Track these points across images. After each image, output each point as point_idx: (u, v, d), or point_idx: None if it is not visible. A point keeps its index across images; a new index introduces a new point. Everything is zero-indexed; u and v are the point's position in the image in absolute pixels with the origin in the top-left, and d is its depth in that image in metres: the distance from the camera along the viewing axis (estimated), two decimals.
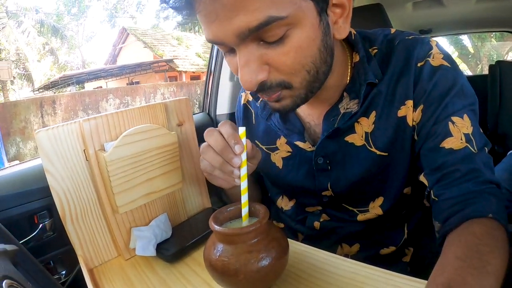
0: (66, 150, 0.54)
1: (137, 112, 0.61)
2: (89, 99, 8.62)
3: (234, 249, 0.41)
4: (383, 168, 0.58)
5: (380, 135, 0.56)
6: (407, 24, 2.56)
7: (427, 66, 0.52)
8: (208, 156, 0.50)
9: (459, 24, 2.58)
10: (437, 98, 0.51)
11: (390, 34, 0.58)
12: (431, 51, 0.53)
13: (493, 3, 1.97)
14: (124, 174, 0.56)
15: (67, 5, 17.94)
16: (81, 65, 18.67)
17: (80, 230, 0.56)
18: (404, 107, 0.54)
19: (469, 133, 0.50)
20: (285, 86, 0.47)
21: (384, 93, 0.55)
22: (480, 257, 0.38)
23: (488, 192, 0.47)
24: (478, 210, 0.45)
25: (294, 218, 0.72)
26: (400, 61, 0.54)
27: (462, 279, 0.36)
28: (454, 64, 0.53)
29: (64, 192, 0.54)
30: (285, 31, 0.41)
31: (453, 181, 0.48)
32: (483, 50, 15.64)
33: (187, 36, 15.99)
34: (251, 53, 0.42)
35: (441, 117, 0.51)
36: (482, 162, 0.49)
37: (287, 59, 0.43)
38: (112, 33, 23.89)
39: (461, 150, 0.49)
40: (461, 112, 0.50)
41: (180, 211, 0.70)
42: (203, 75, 13.92)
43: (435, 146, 0.51)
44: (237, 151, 0.46)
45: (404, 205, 0.63)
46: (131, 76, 13.09)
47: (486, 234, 0.42)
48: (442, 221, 0.48)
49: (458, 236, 0.43)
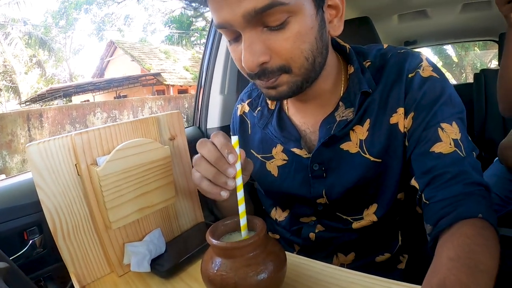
0: (58, 165, 0.53)
1: (130, 126, 0.61)
2: (76, 112, 8.56)
3: (232, 263, 0.41)
4: (377, 174, 0.59)
5: (374, 142, 0.58)
6: (393, 36, 2.63)
7: (417, 76, 0.55)
8: (201, 168, 0.50)
9: (444, 34, 2.66)
10: (427, 106, 0.54)
11: (383, 49, 0.61)
12: (421, 63, 0.56)
13: (476, 13, 2.03)
14: (117, 189, 0.56)
15: (55, 17, 17.83)
16: (69, 78, 18.48)
17: (72, 247, 0.54)
18: (396, 115, 0.56)
19: (458, 138, 0.52)
20: (285, 71, 0.50)
21: (377, 101, 0.57)
22: (473, 256, 0.39)
23: (477, 193, 0.48)
24: (468, 211, 0.46)
25: (288, 229, 0.72)
26: (392, 72, 0.57)
27: (456, 278, 0.37)
28: (443, 76, 0.56)
29: (55, 207, 0.52)
30: (286, 17, 0.46)
31: (442, 184, 0.50)
32: (467, 59, 16.10)
33: (174, 50, 16.06)
34: (255, 36, 0.47)
35: (430, 123, 0.53)
36: (470, 166, 0.51)
37: (287, 43, 0.47)
38: (100, 46, 23.80)
39: (450, 154, 0.51)
40: (449, 119, 0.53)
41: (173, 226, 0.69)
42: (190, 88, 13.99)
43: (425, 151, 0.53)
44: (231, 161, 0.46)
45: (397, 211, 0.64)
46: (118, 89, 13.06)
47: (477, 234, 0.43)
48: (433, 223, 0.49)
49: (450, 238, 0.44)
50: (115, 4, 18.36)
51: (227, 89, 1.22)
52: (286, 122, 0.66)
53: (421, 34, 2.61)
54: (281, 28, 0.47)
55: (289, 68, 0.50)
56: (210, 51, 1.22)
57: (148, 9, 21.48)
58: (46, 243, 0.64)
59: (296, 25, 0.47)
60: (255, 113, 0.70)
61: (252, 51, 0.47)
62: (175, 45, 17.13)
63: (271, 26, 0.47)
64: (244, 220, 0.46)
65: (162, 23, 19.88)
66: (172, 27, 18.66)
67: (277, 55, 0.48)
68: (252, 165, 0.57)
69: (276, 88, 0.52)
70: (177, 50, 16.27)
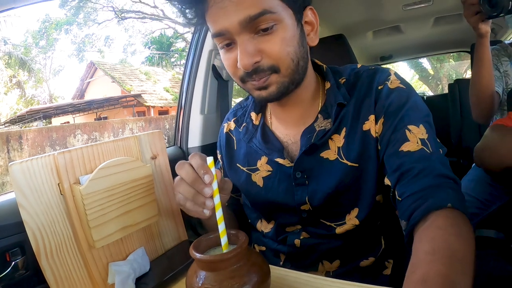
0: (40, 184, 0.52)
1: (111, 146, 0.62)
2: (56, 134, 8.44)
3: (216, 276, 0.42)
4: (355, 178, 0.63)
5: (350, 148, 0.63)
6: (368, 52, 2.75)
7: (385, 88, 0.62)
8: (181, 189, 0.53)
9: (418, 48, 2.78)
10: (394, 112, 0.59)
11: (356, 68, 0.68)
12: (390, 77, 0.63)
13: (447, 26, 2.15)
14: (100, 207, 0.56)
15: (35, 37, 17.61)
16: (48, 99, 18.15)
17: (55, 267, 0.53)
18: (367, 122, 0.62)
19: (425, 138, 0.57)
20: (274, 70, 0.57)
21: (351, 112, 0.64)
22: (448, 247, 0.42)
23: (446, 185, 0.52)
24: (438, 202, 0.49)
25: (275, 239, 0.74)
26: (364, 86, 0.64)
27: (436, 271, 0.38)
28: (409, 87, 0.63)
29: (38, 227, 0.52)
30: (273, 24, 0.54)
31: (411, 178, 0.54)
32: (443, 71, 16.71)
33: (155, 71, 16.05)
34: (248, 40, 0.55)
35: (398, 126, 0.58)
36: (438, 160, 0.55)
37: (276, 46, 0.55)
38: (80, 67, 23.45)
39: (417, 151, 0.55)
40: (416, 122, 0.58)
41: (157, 245, 0.69)
42: (171, 110, 14.01)
43: (394, 151, 0.57)
44: (207, 181, 0.50)
45: (378, 214, 0.67)
46: (99, 111, 12.96)
47: (450, 224, 0.45)
48: (407, 218, 0.52)
49: (425, 232, 0.47)
50: (96, 25, 18.33)
51: (207, 109, 1.25)
52: (269, 135, 0.71)
53: (396, 49, 2.74)
54: (270, 34, 0.55)
55: (278, 68, 0.57)
56: (190, 71, 1.25)
57: (129, 30, 21.55)
58: (29, 265, 0.62)
59: (282, 32, 0.55)
60: (241, 129, 0.75)
61: (247, 52, 0.54)
62: (155, 66, 17.17)
63: (261, 32, 0.54)
64: (225, 239, 0.47)
65: (143, 44, 20.01)
66: (152, 48, 18.75)
67: (267, 56, 0.56)
68: (231, 184, 0.61)
69: (267, 88, 0.58)
70: (158, 71, 16.29)
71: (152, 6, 17.37)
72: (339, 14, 1.81)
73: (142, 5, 17.18)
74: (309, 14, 0.62)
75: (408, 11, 1.83)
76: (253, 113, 0.73)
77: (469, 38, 1.09)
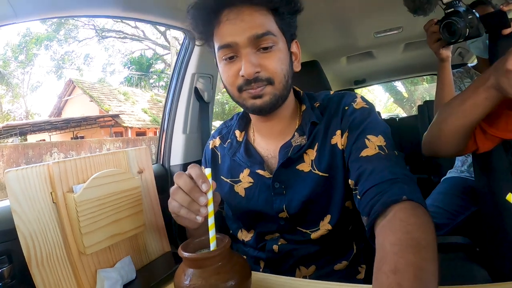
0: (34, 192, 0.55)
1: (102, 158, 0.66)
2: (32, 151, 8.18)
3: (203, 273, 0.46)
4: (326, 187, 0.71)
5: (321, 160, 0.71)
6: (343, 76, 2.88)
7: (351, 107, 0.72)
8: (177, 197, 0.57)
9: (390, 72, 2.95)
10: (356, 125, 0.68)
11: (329, 94, 0.78)
12: (356, 99, 0.73)
13: (417, 51, 2.29)
14: (92, 215, 0.59)
15: (15, 51, 17.21)
16: (25, 115, 17.62)
17: (45, 274, 0.55)
18: (335, 137, 0.71)
19: (382, 145, 0.65)
20: (270, 82, 0.66)
21: (322, 129, 0.73)
22: (412, 236, 0.45)
23: (400, 180, 0.58)
24: (394, 195, 0.55)
25: (255, 247, 0.79)
26: (333, 107, 0.74)
27: (405, 260, 0.42)
28: (372, 107, 0.73)
29: (30, 234, 0.54)
30: (272, 45, 0.65)
31: (368, 176, 0.61)
32: (416, 93, 17.39)
33: (133, 92, 15.88)
34: (252, 54, 0.65)
35: (359, 137, 0.67)
36: (393, 160, 0.63)
37: (273, 62, 0.66)
38: (58, 84, 22.91)
39: (375, 155, 0.64)
40: (375, 133, 0.66)
41: (142, 255, 0.73)
42: (149, 131, 13.89)
43: (356, 158, 0.66)
44: (204, 189, 0.55)
45: (348, 219, 0.75)
46: (76, 130, 12.68)
47: (409, 215, 0.50)
48: (367, 213, 0.58)
49: (387, 225, 0.51)
50: (76, 42, 18.20)
51: (189, 128, 1.30)
52: (251, 150, 0.78)
53: (369, 73, 2.89)
54: (269, 52, 0.66)
55: (273, 81, 0.66)
56: (173, 92, 1.31)
57: (109, 49, 21.45)
58: (15, 274, 0.63)
59: (278, 52, 0.66)
60: (225, 145, 0.82)
61: (250, 63, 0.64)
62: (134, 87, 16.98)
63: (262, 48, 0.65)
64: (214, 245, 0.52)
65: (122, 64, 19.90)
66: (132, 68, 18.69)
67: (265, 69, 0.66)
68: (219, 197, 0.69)
69: (261, 97, 0.67)
70: (136, 92, 16.12)
71: (133, 27, 17.49)
72: (312, 41, 1.89)
73: (123, 25, 17.26)
74: (294, 46, 0.73)
75: (380, 38, 1.96)
76: (237, 130, 0.81)
77: (437, 62, 1.19)
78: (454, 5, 1.00)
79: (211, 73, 1.34)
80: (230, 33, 0.64)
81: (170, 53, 16.74)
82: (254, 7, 0.64)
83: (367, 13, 1.61)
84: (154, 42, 18.33)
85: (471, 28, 0.97)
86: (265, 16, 0.65)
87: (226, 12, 0.65)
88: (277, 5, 0.66)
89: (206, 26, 0.68)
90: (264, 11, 0.65)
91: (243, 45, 0.64)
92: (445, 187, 1.44)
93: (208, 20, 0.66)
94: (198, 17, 0.67)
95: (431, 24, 1.07)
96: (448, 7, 1.01)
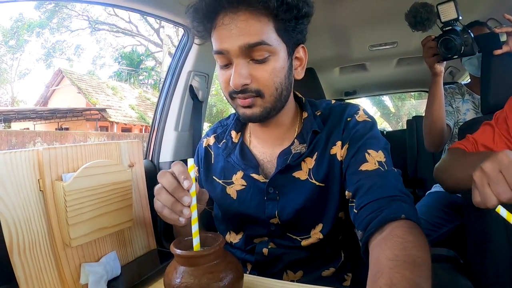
0: (21, 178, 0.53)
1: (95, 148, 0.64)
2: (16, 139, 8.00)
3: (196, 271, 0.45)
4: (321, 197, 0.70)
5: (319, 170, 0.70)
6: (334, 86, 2.91)
7: (353, 119, 0.71)
8: (161, 197, 0.56)
9: (381, 85, 3.00)
10: (357, 138, 0.67)
11: (331, 104, 0.77)
12: (358, 111, 0.72)
13: (409, 67, 2.35)
14: (80, 206, 0.57)
15: (5, 35, 16.65)
16: (10, 102, 17.09)
17: (26, 264, 0.53)
18: (335, 147, 0.70)
19: (382, 161, 0.64)
20: (259, 94, 0.63)
21: (323, 139, 0.71)
22: (408, 253, 0.46)
23: (399, 199, 0.58)
24: (392, 212, 0.55)
25: (243, 249, 0.78)
26: (336, 117, 0.73)
27: (401, 275, 0.42)
28: (374, 121, 0.72)
29: (14, 221, 0.51)
30: (268, 55, 0.61)
31: (366, 191, 0.60)
32: (404, 109, 17.77)
33: (122, 87, 15.65)
34: (243, 64, 0.61)
35: (359, 150, 0.66)
36: (392, 177, 0.62)
37: (265, 74, 0.62)
38: (47, 73, 22.30)
39: (374, 170, 0.63)
40: (376, 148, 0.66)
41: (128, 251, 0.70)
42: (135, 128, 13.73)
43: (354, 171, 0.65)
44: (185, 186, 0.53)
45: (340, 229, 0.74)
46: (61, 121, 12.43)
47: (406, 233, 0.51)
48: (363, 228, 0.57)
49: (383, 241, 0.52)
50: (68, 32, 17.83)
51: (181, 126, 1.29)
52: (247, 153, 0.77)
53: (360, 85, 2.93)
54: (263, 63, 0.62)
55: (263, 93, 0.63)
56: (168, 88, 1.29)
57: (100, 42, 21.02)
58: None
59: (273, 63, 0.62)
60: (220, 145, 0.80)
61: (240, 74, 0.61)
62: (123, 82, 16.72)
63: (255, 60, 0.61)
64: (197, 240, 0.50)
65: (112, 58, 19.60)
66: (122, 63, 18.44)
67: (256, 81, 0.62)
68: (207, 195, 0.66)
69: (251, 107, 0.64)
70: (125, 87, 15.89)
71: (127, 21, 17.30)
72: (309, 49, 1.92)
73: (117, 18, 17.06)
74: (301, 51, 0.69)
75: (374, 51, 2.00)
76: (233, 131, 0.79)
77: (429, 79, 1.23)
78: (451, 24, 1.06)
79: (206, 72, 1.33)
80: (223, 39, 0.61)
81: (162, 51, 16.59)
82: (251, 12, 0.59)
83: (364, 26, 1.64)
84: (147, 38, 18.14)
85: (466, 46, 1.04)
86: (262, 23, 0.60)
87: (222, 16, 0.61)
88: (275, 12, 0.60)
89: (203, 27, 0.65)
90: (262, 17, 0.60)
91: (234, 54, 0.61)
92: (429, 200, 1.48)
93: (204, 22, 0.64)
94: (196, 18, 0.64)
95: (428, 39, 1.12)
96: (445, 25, 1.07)
